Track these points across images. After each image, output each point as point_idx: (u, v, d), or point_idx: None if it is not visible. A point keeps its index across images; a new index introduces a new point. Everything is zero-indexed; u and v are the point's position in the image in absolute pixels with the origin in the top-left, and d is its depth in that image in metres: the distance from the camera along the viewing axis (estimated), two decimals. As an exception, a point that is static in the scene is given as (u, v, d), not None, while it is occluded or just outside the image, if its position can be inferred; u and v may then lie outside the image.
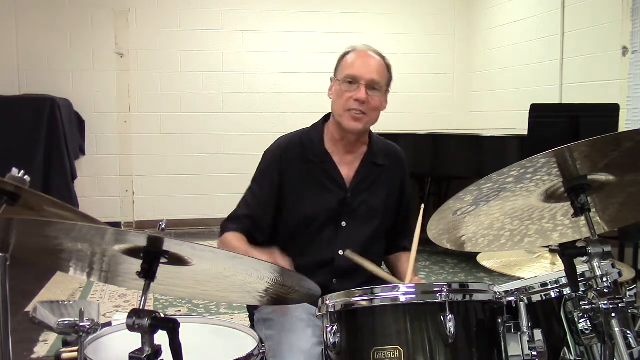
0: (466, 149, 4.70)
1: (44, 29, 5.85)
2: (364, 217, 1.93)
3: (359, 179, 1.94)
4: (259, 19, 6.34)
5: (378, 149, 2.00)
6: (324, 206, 1.91)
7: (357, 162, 1.96)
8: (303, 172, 1.92)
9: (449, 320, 1.26)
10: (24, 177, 1.23)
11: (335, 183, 1.92)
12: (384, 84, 1.91)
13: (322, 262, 1.88)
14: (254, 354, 1.29)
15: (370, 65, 1.90)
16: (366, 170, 1.96)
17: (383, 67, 1.93)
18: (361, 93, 1.85)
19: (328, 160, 1.93)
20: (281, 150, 1.94)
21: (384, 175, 1.99)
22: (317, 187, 1.92)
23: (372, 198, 1.95)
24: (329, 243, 1.90)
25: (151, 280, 1.10)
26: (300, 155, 1.93)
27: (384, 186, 1.98)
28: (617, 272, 1.41)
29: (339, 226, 1.92)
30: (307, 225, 1.90)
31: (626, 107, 4.40)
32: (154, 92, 6.17)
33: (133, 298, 3.94)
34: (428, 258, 4.97)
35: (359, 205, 1.93)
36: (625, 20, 4.44)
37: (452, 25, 6.82)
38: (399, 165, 2.06)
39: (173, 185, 6.25)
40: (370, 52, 1.94)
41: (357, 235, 1.92)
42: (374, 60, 1.92)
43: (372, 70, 1.89)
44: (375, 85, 1.88)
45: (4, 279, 1.21)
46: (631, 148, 1.15)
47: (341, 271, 1.88)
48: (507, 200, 1.29)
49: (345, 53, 1.96)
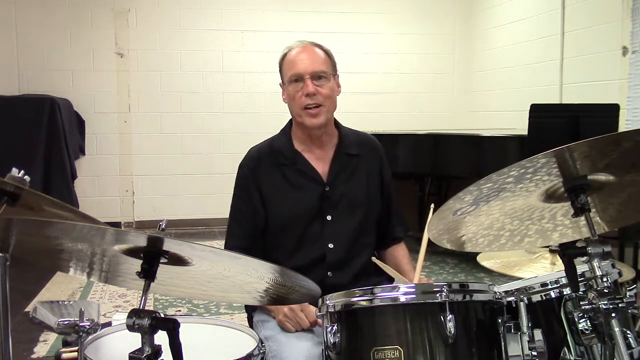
0: (466, 149, 4.70)
1: (44, 29, 5.86)
2: (347, 208, 1.94)
3: (335, 171, 1.95)
4: (258, 19, 6.34)
5: (349, 140, 2.00)
6: (305, 203, 1.92)
7: (330, 156, 1.97)
8: (278, 176, 1.94)
9: (449, 320, 1.26)
10: (24, 177, 1.23)
11: (312, 179, 1.93)
12: (328, 70, 1.91)
13: (315, 258, 1.89)
14: (254, 354, 1.29)
15: (310, 59, 1.90)
16: (340, 162, 1.96)
17: (323, 55, 1.93)
18: (309, 87, 1.86)
19: (300, 159, 1.95)
20: (253, 161, 1.96)
21: (360, 165, 1.99)
22: (294, 187, 1.93)
23: (352, 189, 1.96)
24: (317, 239, 1.91)
25: (151, 280, 1.10)
26: (272, 161, 1.95)
27: (362, 175, 1.99)
28: (617, 272, 1.41)
29: (325, 221, 1.92)
30: (293, 225, 1.91)
31: (626, 107, 4.40)
32: (154, 92, 6.17)
33: (133, 298, 3.94)
34: (428, 258, 4.97)
35: (341, 198, 1.94)
36: (625, 20, 4.44)
37: (452, 25, 6.82)
38: (374, 153, 2.05)
39: (173, 185, 6.25)
40: (306, 45, 1.94)
41: (344, 228, 1.92)
42: (312, 52, 1.92)
43: (314, 62, 1.89)
44: (320, 74, 1.88)
45: (4, 279, 1.21)
46: (631, 148, 1.15)
47: (334, 264, 1.89)
48: (507, 200, 1.29)
49: (283, 55, 1.96)
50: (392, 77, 6.60)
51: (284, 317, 1.73)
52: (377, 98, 6.56)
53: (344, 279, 1.87)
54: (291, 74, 1.90)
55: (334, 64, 1.96)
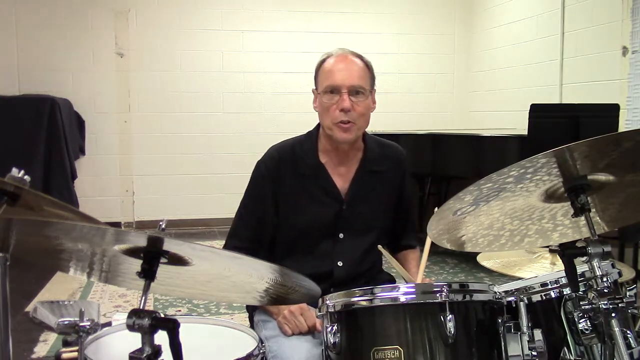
0: (466, 149, 4.70)
1: (44, 29, 5.85)
2: (361, 228, 1.90)
3: (355, 190, 1.89)
4: (258, 19, 6.34)
5: (374, 154, 1.94)
6: (320, 219, 1.87)
7: (352, 172, 1.90)
8: (297, 185, 1.87)
9: (449, 320, 1.26)
10: (24, 177, 1.22)
11: (331, 195, 1.88)
12: (367, 86, 1.84)
13: (321, 274, 1.82)
14: (254, 354, 1.29)
15: (349, 70, 1.81)
16: (362, 180, 1.90)
17: (363, 68, 1.85)
18: (345, 102, 1.78)
19: (322, 172, 1.88)
20: (274, 163, 1.88)
21: (382, 182, 1.93)
22: (312, 199, 1.87)
23: (369, 208, 1.91)
24: (326, 255, 1.87)
25: (151, 280, 1.10)
26: (293, 168, 1.87)
27: (381, 194, 1.93)
28: (617, 272, 1.41)
29: (337, 238, 1.88)
30: (304, 237, 1.87)
31: (626, 107, 4.40)
32: (154, 92, 6.17)
33: (133, 298, 3.94)
34: (428, 258, 4.95)
35: (356, 217, 1.89)
36: (625, 20, 4.44)
37: (452, 25, 6.82)
38: (398, 167, 1.99)
39: (173, 185, 6.25)
40: (347, 55, 1.85)
41: (356, 247, 1.89)
42: (352, 64, 1.83)
43: (353, 75, 1.81)
44: (358, 90, 1.81)
45: (4, 279, 1.21)
46: (631, 148, 1.15)
47: (340, 281, 1.86)
48: (507, 200, 1.29)
49: (321, 61, 1.87)
50: (392, 77, 6.60)
51: (283, 318, 1.71)
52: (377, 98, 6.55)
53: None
54: (327, 85, 1.81)
55: (373, 77, 1.88)
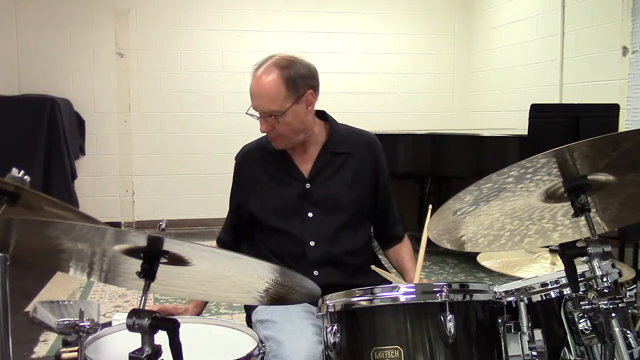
0: (466, 149, 4.69)
1: (44, 29, 5.85)
2: (330, 207, 1.92)
3: (318, 169, 1.93)
4: (258, 19, 6.34)
5: (340, 137, 1.97)
6: (285, 199, 1.93)
7: (315, 154, 1.95)
8: (261, 171, 1.97)
9: (449, 320, 1.26)
10: (24, 177, 1.22)
11: (293, 175, 1.94)
12: (281, 107, 1.78)
13: (295, 254, 1.89)
14: (254, 354, 1.29)
15: (260, 97, 1.81)
16: (324, 159, 1.94)
17: (276, 87, 1.78)
18: (262, 126, 1.84)
19: (285, 157, 1.95)
20: (241, 156, 2.03)
21: (348, 163, 1.96)
22: (276, 181, 1.95)
23: (336, 187, 1.94)
24: (298, 235, 1.91)
25: (151, 280, 1.10)
26: (258, 157, 1.99)
27: (347, 172, 1.95)
28: (617, 272, 1.41)
29: (306, 218, 1.91)
30: (276, 218, 1.93)
31: (626, 107, 4.40)
32: (154, 92, 6.17)
33: (133, 298, 3.94)
34: (428, 258, 4.96)
35: (323, 195, 1.92)
36: (625, 20, 4.44)
37: (452, 26, 6.82)
38: (367, 150, 1.99)
39: (173, 185, 6.25)
40: (261, 76, 1.80)
41: (326, 226, 1.91)
42: (264, 87, 1.79)
43: (263, 103, 1.80)
44: (271, 114, 1.80)
45: (4, 279, 1.21)
46: (631, 148, 1.15)
47: (317, 262, 1.88)
48: (507, 200, 1.29)
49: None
50: (392, 77, 6.60)
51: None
52: (377, 98, 6.57)
53: (332, 277, 1.85)
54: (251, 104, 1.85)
55: (296, 87, 1.80)
